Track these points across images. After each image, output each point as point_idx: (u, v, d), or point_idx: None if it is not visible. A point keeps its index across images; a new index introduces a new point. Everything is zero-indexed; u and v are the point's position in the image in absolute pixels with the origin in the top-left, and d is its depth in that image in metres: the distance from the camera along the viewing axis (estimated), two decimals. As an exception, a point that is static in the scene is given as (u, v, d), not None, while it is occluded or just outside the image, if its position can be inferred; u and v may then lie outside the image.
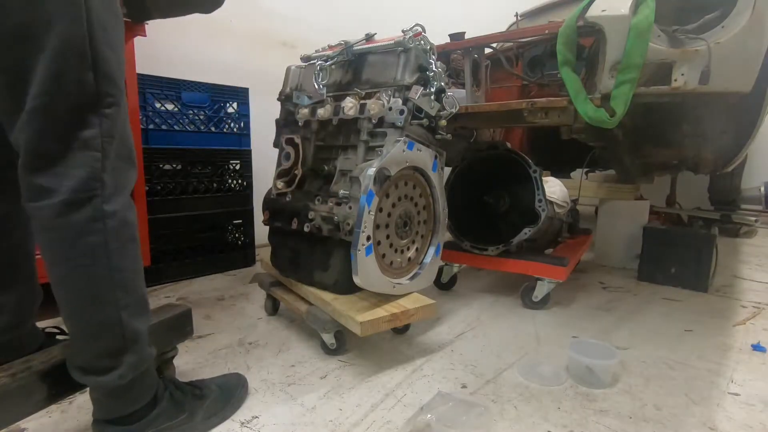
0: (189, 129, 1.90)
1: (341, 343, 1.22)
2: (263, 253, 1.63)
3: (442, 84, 1.19)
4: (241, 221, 2.13)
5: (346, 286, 1.19)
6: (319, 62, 1.28)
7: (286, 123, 1.42)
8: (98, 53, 0.69)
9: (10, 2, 0.63)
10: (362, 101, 1.21)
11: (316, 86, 1.26)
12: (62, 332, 0.96)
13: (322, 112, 1.26)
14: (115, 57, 0.72)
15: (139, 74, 1.62)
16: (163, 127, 1.83)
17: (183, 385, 0.90)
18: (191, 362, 1.18)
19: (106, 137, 0.71)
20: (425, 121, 1.20)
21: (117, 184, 0.73)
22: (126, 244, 0.74)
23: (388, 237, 1.19)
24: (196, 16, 1.09)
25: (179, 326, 1.01)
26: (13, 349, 0.84)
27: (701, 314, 1.54)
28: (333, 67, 1.30)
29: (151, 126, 1.79)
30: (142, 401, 0.78)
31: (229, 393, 0.96)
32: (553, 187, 1.88)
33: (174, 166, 1.87)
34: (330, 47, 1.35)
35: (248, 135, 2.10)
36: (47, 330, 0.96)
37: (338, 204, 1.15)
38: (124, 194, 0.75)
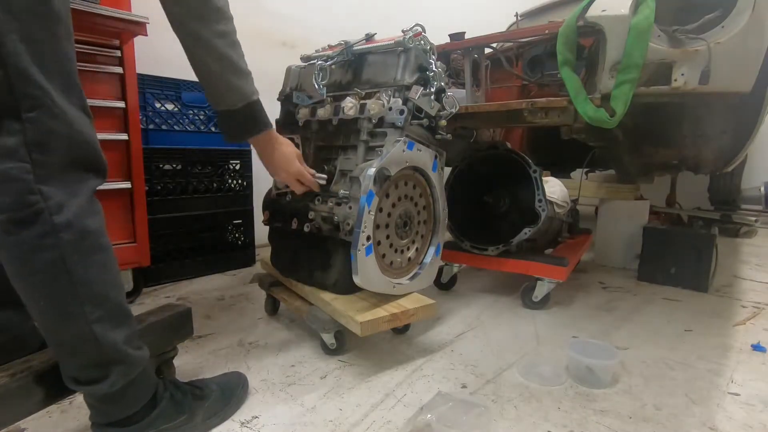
0: (189, 129, 1.90)
1: (341, 343, 1.22)
2: (263, 253, 1.63)
3: (442, 84, 1.19)
4: (241, 221, 2.13)
5: (346, 286, 1.19)
6: (319, 62, 1.28)
7: (286, 123, 1.42)
8: (4, 46, 0.60)
9: None
10: (362, 101, 1.21)
11: (316, 86, 1.26)
12: None
13: (322, 112, 1.26)
14: (34, 50, 0.62)
15: (139, 74, 1.62)
16: (163, 127, 1.83)
17: (183, 386, 0.89)
18: (191, 362, 1.18)
19: (34, 145, 0.63)
20: (425, 121, 1.20)
21: (69, 193, 0.67)
22: (89, 254, 0.69)
23: (388, 237, 1.19)
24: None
25: (179, 326, 1.01)
26: (13, 349, 0.83)
27: (701, 314, 1.54)
28: (333, 67, 1.30)
29: (151, 126, 1.79)
30: (139, 404, 0.77)
31: (230, 393, 0.96)
32: (553, 187, 1.88)
33: (174, 166, 1.87)
34: (330, 47, 1.35)
35: (248, 135, 2.10)
36: None
37: (338, 204, 1.15)
38: (77, 203, 0.68)
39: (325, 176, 1.19)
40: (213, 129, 1.98)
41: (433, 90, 1.17)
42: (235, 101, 0.93)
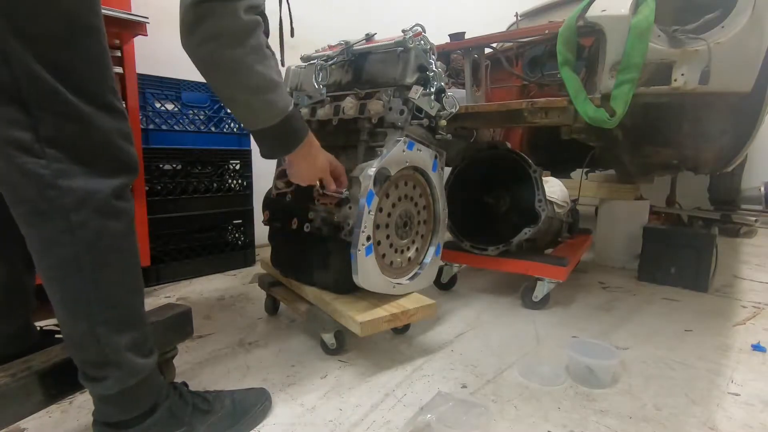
0: (189, 129, 1.91)
1: (341, 343, 1.22)
2: (263, 253, 1.63)
3: (442, 84, 1.19)
4: (241, 221, 2.13)
5: (345, 285, 1.19)
6: (319, 62, 1.28)
7: (286, 123, 1.42)
8: (9, 46, 0.59)
9: None
10: (362, 101, 1.21)
11: (316, 86, 1.26)
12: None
13: (322, 113, 1.26)
14: (42, 49, 0.62)
15: (139, 74, 1.62)
16: (163, 127, 1.83)
17: (188, 396, 0.85)
18: (191, 362, 1.18)
19: (47, 141, 0.64)
20: (425, 121, 1.20)
21: (89, 191, 0.66)
22: (106, 256, 0.69)
23: (388, 237, 1.19)
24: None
25: (179, 326, 1.01)
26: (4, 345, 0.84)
27: (701, 314, 1.54)
28: (333, 67, 1.30)
29: (151, 126, 1.79)
30: (136, 411, 0.76)
31: (243, 411, 0.90)
32: (553, 187, 1.88)
33: (174, 166, 1.87)
34: (330, 47, 1.35)
35: (248, 135, 2.10)
36: (45, 328, 0.96)
37: (338, 204, 1.15)
38: (97, 201, 0.67)
39: (343, 192, 1.13)
40: (213, 129, 1.98)
41: (433, 90, 1.17)
42: (273, 117, 0.85)
